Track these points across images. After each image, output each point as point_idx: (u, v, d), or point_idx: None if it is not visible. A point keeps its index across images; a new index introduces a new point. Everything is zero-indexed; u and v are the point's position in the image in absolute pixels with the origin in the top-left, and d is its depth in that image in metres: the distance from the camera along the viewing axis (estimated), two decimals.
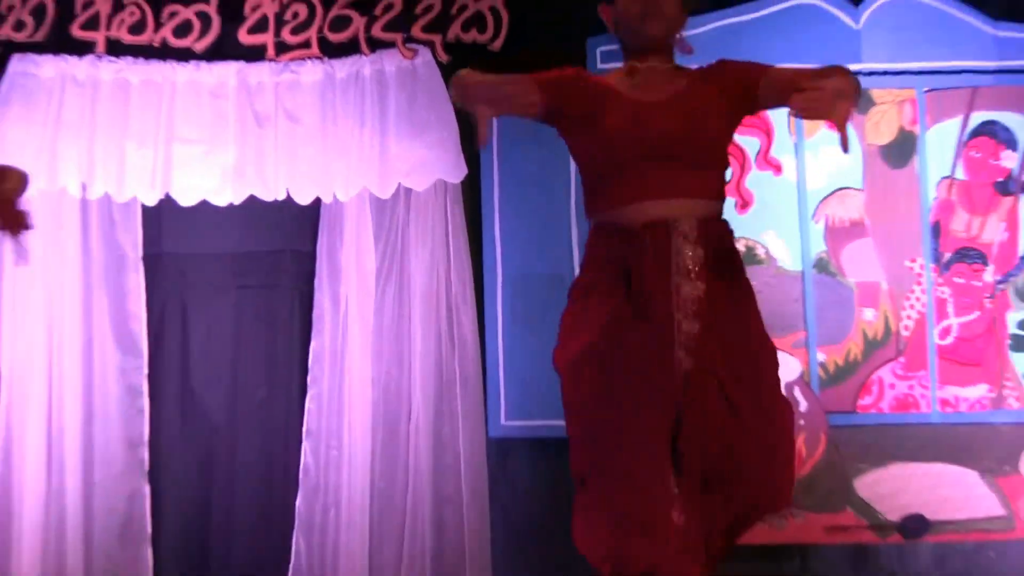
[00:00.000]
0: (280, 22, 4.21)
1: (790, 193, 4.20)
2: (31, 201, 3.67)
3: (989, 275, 4.18)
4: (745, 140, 4.15)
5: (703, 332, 2.58)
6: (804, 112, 2.37)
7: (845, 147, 2.33)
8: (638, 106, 2.65)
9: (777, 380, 2.76)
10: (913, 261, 4.17)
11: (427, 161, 4.13)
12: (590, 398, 2.69)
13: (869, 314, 4.22)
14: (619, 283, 2.66)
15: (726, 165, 2.78)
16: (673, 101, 2.66)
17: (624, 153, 2.66)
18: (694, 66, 2.73)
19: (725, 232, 2.74)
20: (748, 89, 2.69)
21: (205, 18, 4.21)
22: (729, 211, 3.55)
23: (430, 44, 4.19)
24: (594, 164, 2.73)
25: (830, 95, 2.39)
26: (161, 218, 4.25)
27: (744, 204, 4.26)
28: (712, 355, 2.59)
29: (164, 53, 4.20)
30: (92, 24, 4.17)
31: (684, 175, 2.65)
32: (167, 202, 4.13)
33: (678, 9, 2.72)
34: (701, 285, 2.59)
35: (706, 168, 2.70)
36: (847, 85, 2.43)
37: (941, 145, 4.21)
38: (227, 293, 4.33)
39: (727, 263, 2.70)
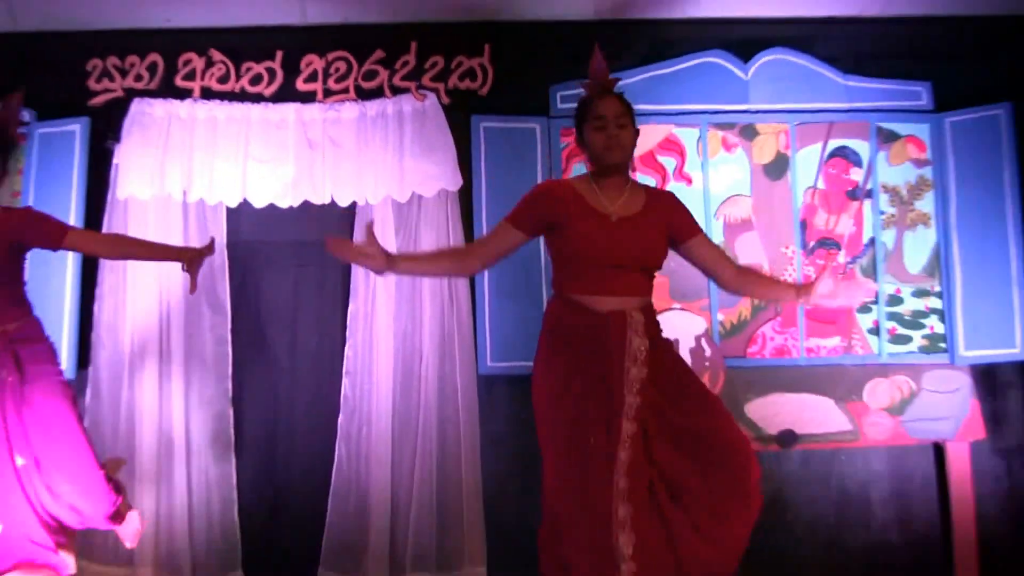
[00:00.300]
0: (327, 74, 4.78)
1: (698, 198, 4.69)
2: (148, 204, 4.55)
3: (842, 258, 4.71)
4: (665, 160, 4.72)
5: (643, 405, 3.02)
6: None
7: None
8: (603, 219, 3.11)
9: (729, 417, 3.13)
10: (787, 248, 4.72)
11: (433, 175, 4.68)
12: (553, 447, 3.08)
13: None
14: (581, 356, 3.07)
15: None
16: (633, 219, 3.13)
17: (593, 257, 3.10)
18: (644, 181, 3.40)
19: (655, 318, 3.18)
20: (680, 237, 3.22)
21: (272, 72, 4.79)
22: None
23: (436, 90, 4.77)
24: (566, 258, 3.15)
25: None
26: (240, 216, 4.76)
27: None
28: (650, 421, 3.01)
29: (242, 97, 4.77)
30: (190, 76, 4.78)
31: (636, 277, 3.13)
32: (244, 204, 4.70)
33: (633, 139, 3.20)
34: (644, 369, 3.03)
35: (651, 273, 3.18)
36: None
37: (807, 164, 4.76)
38: (288, 270, 4.84)
39: (663, 347, 3.15)
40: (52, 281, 4.53)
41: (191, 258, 3.64)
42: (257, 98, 4.82)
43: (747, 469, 3.04)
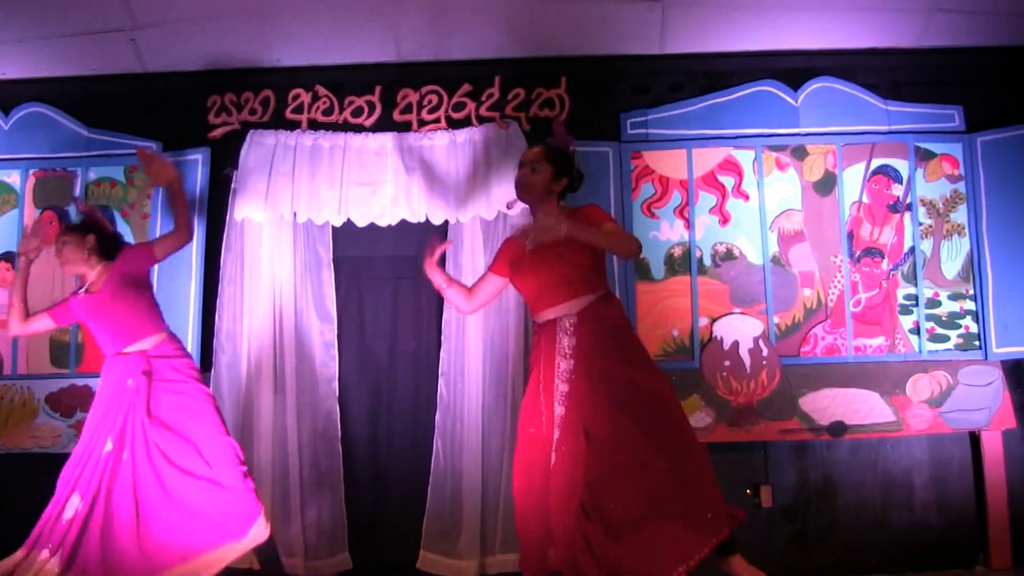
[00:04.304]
0: (420, 106, 5.07)
1: (755, 213, 4.97)
2: (262, 225, 4.85)
3: (885, 265, 4.92)
4: (724, 179, 4.99)
5: (570, 391, 3.40)
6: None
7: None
8: (524, 256, 3.61)
9: (666, 407, 3.42)
10: (836, 257, 4.95)
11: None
12: (519, 438, 3.55)
13: (807, 292, 4.94)
14: (536, 365, 3.55)
15: (595, 268, 3.53)
16: (545, 248, 3.47)
17: (522, 286, 3.67)
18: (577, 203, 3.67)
19: (604, 312, 3.50)
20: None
21: (371, 104, 5.09)
22: (714, 224, 4.76)
23: (518, 119, 5.02)
24: (519, 290, 3.75)
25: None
26: (344, 234, 5.01)
27: (725, 221, 5.00)
28: (578, 406, 3.36)
29: (345, 127, 5.04)
30: (298, 110, 5.11)
31: (559, 291, 3.53)
32: (348, 224, 4.95)
33: (544, 177, 3.59)
34: (572, 361, 3.44)
35: (573, 283, 3.50)
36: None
37: (852, 181, 4.99)
38: (387, 282, 5.09)
39: (606, 336, 3.47)
40: (178, 296, 4.95)
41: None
42: (358, 128, 5.10)
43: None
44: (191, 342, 4.89)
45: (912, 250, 4.98)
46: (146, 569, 3.79)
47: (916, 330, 4.93)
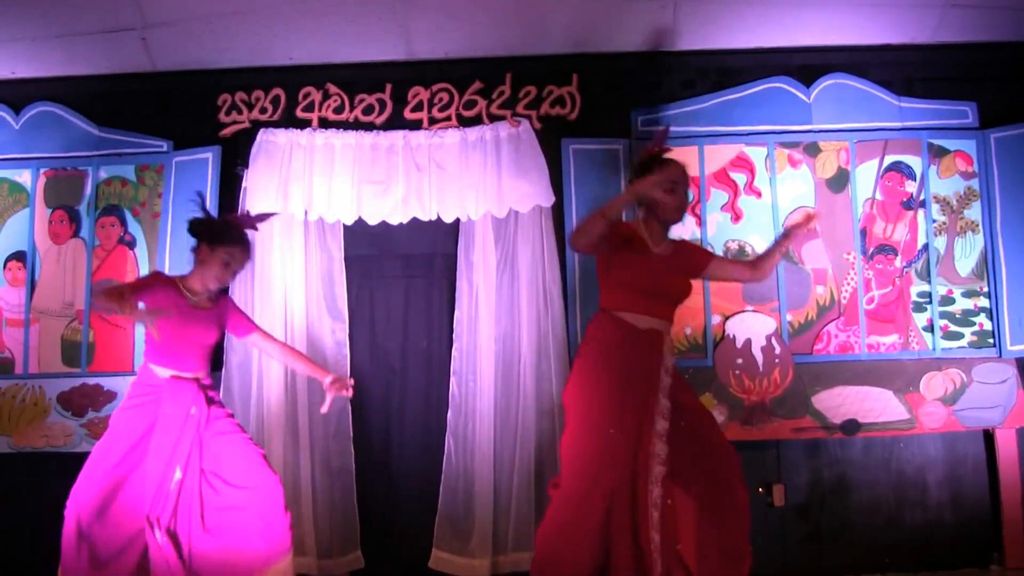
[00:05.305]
0: (431, 104, 5.06)
1: (767, 210, 4.95)
2: (273, 223, 4.75)
3: (898, 262, 4.91)
4: (736, 176, 4.97)
5: (672, 408, 3.56)
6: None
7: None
8: (655, 257, 3.64)
9: (720, 430, 3.72)
10: (849, 254, 4.93)
11: (528, 192, 4.91)
12: (586, 435, 3.50)
13: (820, 289, 4.93)
14: (620, 363, 3.52)
15: None
16: (672, 259, 3.67)
17: (646, 286, 3.59)
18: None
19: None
20: (699, 268, 3.83)
21: (382, 103, 5.09)
22: (726, 222, 4.75)
23: (529, 117, 5.02)
24: (624, 281, 3.61)
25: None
26: (355, 232, 5.01)
27: (737, 218, 4.98)
28: (676, 423, 3.55)
29: (356, 126, 5.04)
30: (309, 108, 5.10)
31: (671, 308, 3.69)
32: (359, 222, 4.97)
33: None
34: (669, 379, 3.58)
35: (678, 307, 3.73)
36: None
37: (865, 178, 4.97)
38: (399, 280, 5.08)
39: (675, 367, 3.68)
40: None
41: (334, 382, 4.11)
42: (369, 127, 5.11)
43: (735, 473, 3.62)
44: None
45: (926, 247, 4.97)
46: None
47: (930, 327, 4.92)
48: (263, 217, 4.20)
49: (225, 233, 3.99)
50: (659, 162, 3.68)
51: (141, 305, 3.79)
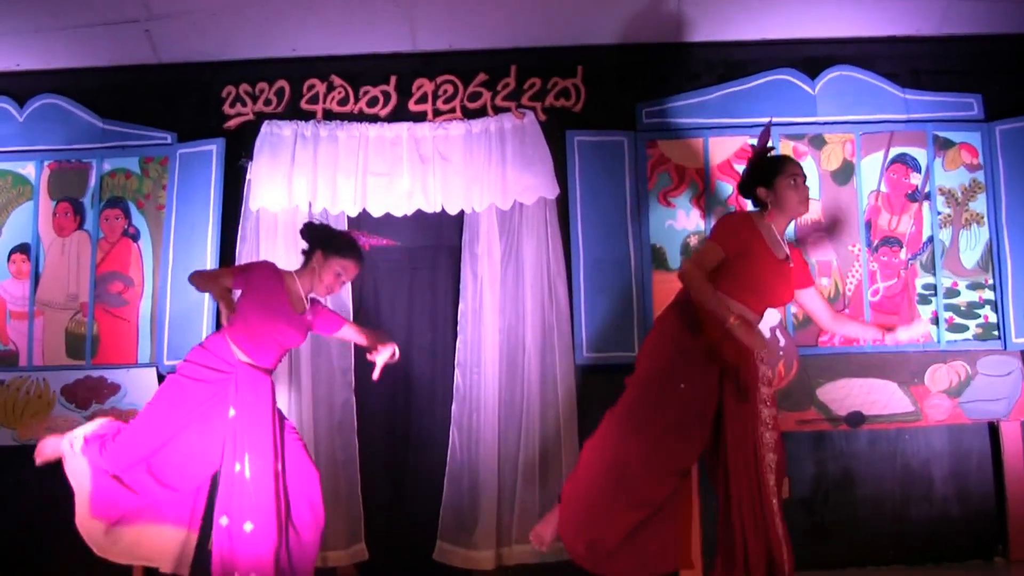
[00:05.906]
0: (436, 96, 5.10)
1: None
2: (277, 215, 4.82)
3: (903, 254, 4.93)
4: (741, 168, 4.71)
5: (773, 393, 3.69)
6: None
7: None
8: (774, 260, 3.69)
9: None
10: (854, 246, 4.95)
11: (533, 184, 4.94)
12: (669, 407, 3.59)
13: (825, 281, 4.93)
14: (713, 352, 3.56)
15: None
16: (787, 266, 3.74)
17: (763, 286, 3.67)
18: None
19: None
20: (799, 285, 3.85)
21: (387, 94, 5.10)
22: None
23: (533, 109, 5.05)
24: (740, 280, 3.64)
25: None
26: (360, 224, 4.94)
27: (742, 210, 4.64)
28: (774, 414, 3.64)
29: (360, 118, 5.07)
30: (314, 100, 5.12)
31: (768, 307, 3.80)
32: (364, 214, 4.98)
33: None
34: (767, 370, 3.71)
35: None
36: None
37: (871, 170, 5.00)
38: (404, 273, 5.11)
39: None
40: (192, 289, 4.85)
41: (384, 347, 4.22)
42: (374, 118, 5.13)
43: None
44: (207, 333, 4.87)
45: (931, 239, 4.97)
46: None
47: (935, 320, 4.92)
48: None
49: (345, 246, 4.08)
50: (778, 160, 3.80)
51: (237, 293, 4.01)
